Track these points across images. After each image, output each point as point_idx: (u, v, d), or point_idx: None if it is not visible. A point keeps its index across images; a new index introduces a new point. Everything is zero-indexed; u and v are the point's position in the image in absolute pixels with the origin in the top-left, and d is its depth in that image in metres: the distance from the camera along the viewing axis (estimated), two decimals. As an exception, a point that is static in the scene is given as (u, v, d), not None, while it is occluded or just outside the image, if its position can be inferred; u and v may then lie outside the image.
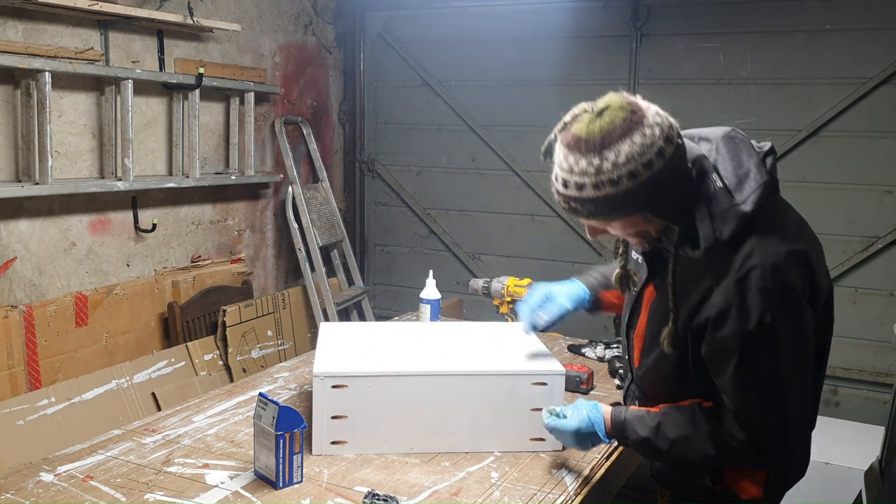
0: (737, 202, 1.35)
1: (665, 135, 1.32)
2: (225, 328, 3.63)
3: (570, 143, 1.35)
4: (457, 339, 2.09)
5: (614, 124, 1.32)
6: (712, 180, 1.37)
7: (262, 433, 1.63)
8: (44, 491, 1.59)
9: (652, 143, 1.31)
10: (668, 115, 1.37)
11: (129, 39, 3.34)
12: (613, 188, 1.32)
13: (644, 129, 1.31)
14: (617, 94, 1.37)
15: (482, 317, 3.29)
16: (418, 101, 4.57)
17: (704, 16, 3.83)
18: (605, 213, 1.37)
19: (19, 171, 3.00)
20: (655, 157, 1.31)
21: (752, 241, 1.35)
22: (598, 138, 1.32)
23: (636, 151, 1.30)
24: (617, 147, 1.30)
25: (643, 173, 1.30)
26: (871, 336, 3.62)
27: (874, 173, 3.59)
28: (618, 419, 1.58)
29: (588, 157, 1.32)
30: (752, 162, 1.39)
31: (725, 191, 1.36)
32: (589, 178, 1.33)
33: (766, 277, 1.33)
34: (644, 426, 1.53)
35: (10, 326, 2.89)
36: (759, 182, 1.36)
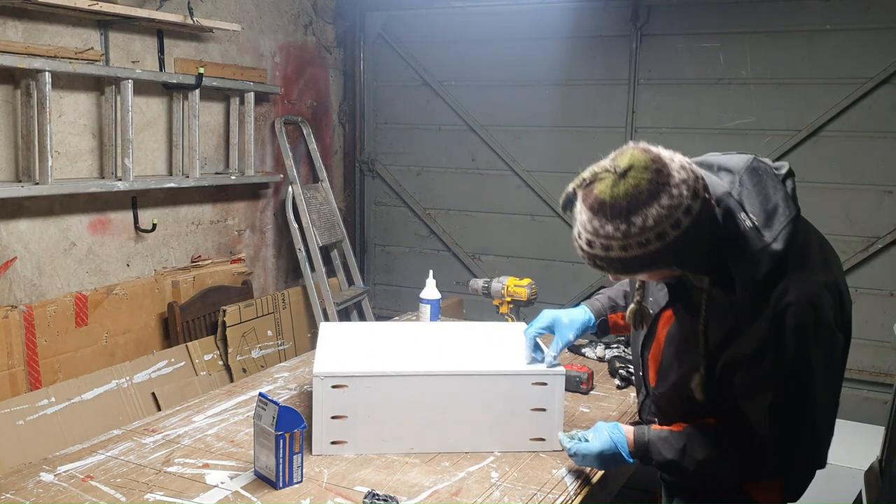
0: (768, 241, 1.33)
1: (692, 191, 1.28)
2: (225, 328, 3.63)
3: (595, 206, 1.31)
4: (457, 339, 2.09)
5: (640, 188, 1.27)
6: (741, 220, 1.34)
7: (262, 433, 1.63)
8: (44, 491, 1.59)
9: (679, 204, 1.27)
10: (693, 166, 1.33)
11: (129, 39, 3.34)
12: (641, 249, 1.29)
13: (671, 190, 1.27)
14: (639, 148, 1.32)
15: (482, 317, 3.29)
16: (418, 101, 4.57)
17: (704, 16, 3.83)
18: (632, 272, 1.37)
19: (19, 171, 3.00)
20: (683, 215, 1.27)
21: (786, 278, 1.34)
22: (624, 203, 1.27)
23: (664, 214, 1.26)
24: (644, 212, 1.26)
25: (671, 233, 1.27)
26: (871, 336, 3.62)
27: (874, 173, 3.59)
28: (641, 440, 1.58)
29: (614, 222, 1.28)
30: (780, 195, 1.37)
31: (755, 230, 1.34)
32: (616, 241, 1.29)
33: (801, 314, 1.33)
34: (670, 448, 1.53)
35: (10, 326, 2.89)
36: (788, 217, 1.34)
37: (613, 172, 1.29)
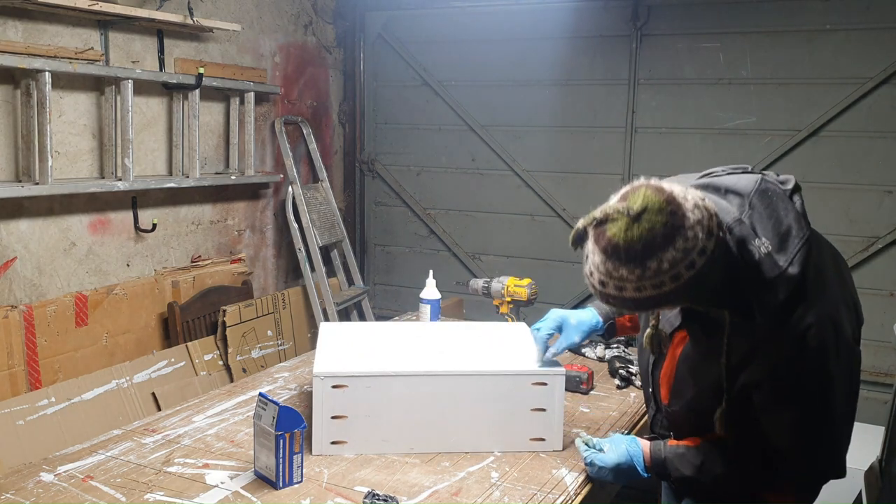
0: (783, 267, 1.31)
1: (706, 231, 1.26)
2: (225, 328, 3.63)
3: (608, 249, 1.28)
4: (457, 339, 2.09)
5: (654, 231, 1.25)
6: (755, 247, 1.33)
7: (262, 433, 1.63)
8: (44, 491, 1.59)
9: (694, 246, 1.25)
10: (707, 202, 1.30)
11: (129, 39, 3.34)
12: (655, 290, 1.28)
13: (686, 233, 1.25)
14: (651, 188, 1.29)
15: (482, 317, 3.29)
16: (418, 101, 4.57)
17: (704, 16, 3.83)
18: (646, 309, 1.39)
19: (19, 171, 3.00)
20: (698, 256, 1.26)
21: (805, 300, 1.34)
22: (639, 248, 1.25)
23: (679, 257, 1.25)
24: (659, 256, 1.25)
25: (685, 274, 1.26)
26: (871, 336, 3.60)
27: (874, 173, 3.59)
28: (657, 456, 1.59)
29: (628, 266, 1.27)
30: (791, 217, 1.35)
31: (770, 256, 1.32)
32: (630, 283, 1.28)
33: (822, 334, 1.34)
34: (687, 465, 1.54)
35: (10, 326, 2.89)
36: (801, 239, 1.33)
37: (626, 215, 1.26)
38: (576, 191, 4.20)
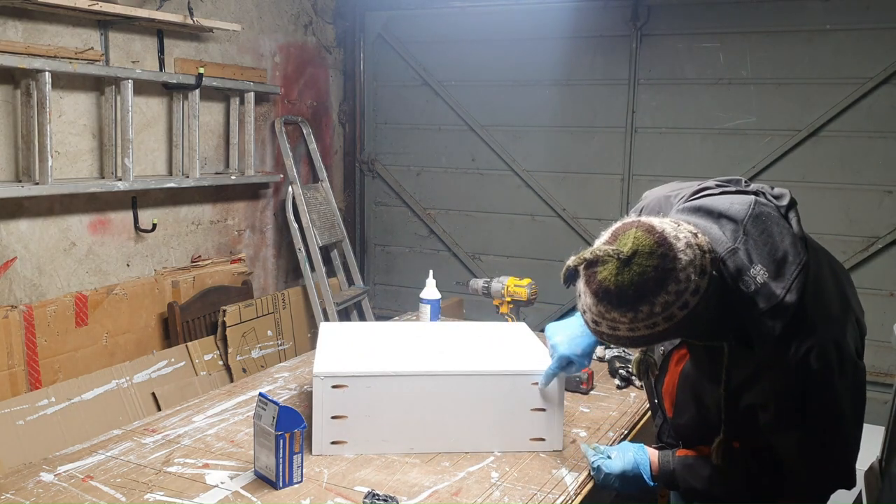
0: (780, 295, 1.29)
1: (699, 270, 1.25)
2: (225, 328, 3.63)
3: (599, 293, 1.27)
4: (457, 339, 2.09)
5: (645, 276, 1.23)
6: (750, 277, 1.30)
7: (262, 433, 1.63)
8: (44, 491, 1.59)
9: (686, 288, 1.24)
10: (699, 238, 1.28)
11: (129, 39, 3.34)
12: (649, 330, 1.28)
13: (678, 275, 1.23)
14: (641, 229, 1.27)
15: (482, 317, 3.29)
16: (418, 101, 4.57)
17: (704, 16, 3.83)
18: (642, 345, 1.38)
19: (19, 171, 3.00)
20: (691, 296, 1.25)
21: (804, 328, 1.32)
22: (631, 293, 1.24)
23: (671, 300, 1.24)
24: (651, 300, 1.24)
25: (679, 314, 1.26)
26: (871, 336, 3.53)
27: (874, 173, 3.59)
28: (665, 467, 1.59)
29: (620, 310, 1.26)
30: (787, 241, 1.32)
31: (766, 286, 1.29)
32: (623, 324, 1.28)
33: (825, 356, 1.32)
34: (696, 476, 1.54)
35: (10, 326, 2.89)
36: (798, 265, 1.31)
37: (616, 258, 1.25)
38: (576, 191, 4.20)
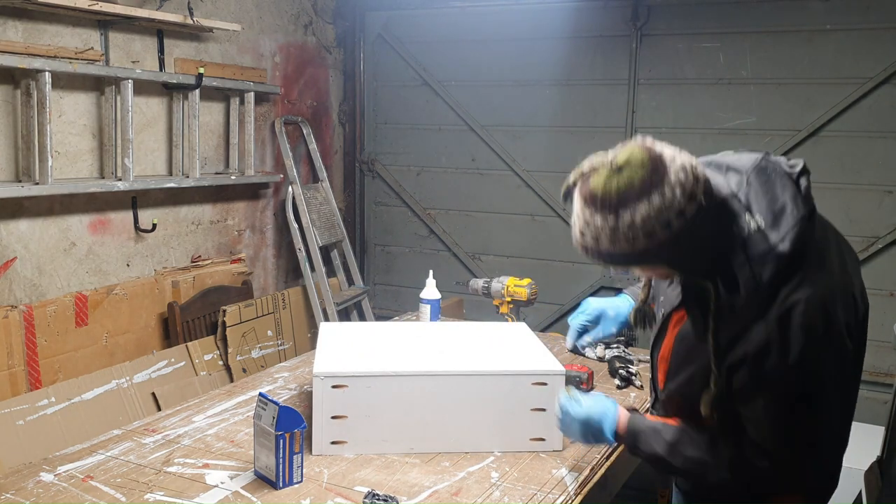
0: (773, 244, 1.29)
1: (687, 194, 1.26)
2: (225, 328, 3.63)
3: (587, 197, 1.30)
4: (457, 339, 2.09)
5: (632, 184, 1.26)
6: (745, 223, 1.31)
7: (262, 433, 1.63)
8: (44, 491, 1.59)
9: (671, 205, 1.25)
10: (696, 168, 1.29)
11: (129, 39, 3.34)
12: (628, 245, 1.28)
13: (664, 189, 1.25)
14: (640, 145, 1.31)
15: (482, 317, 3.29)
16: (418, 101, 4.57)
17: (704, 16, 3.83)
18: (622, 265, 1.36)
19: (19, 171, 3.00)
20: (675, 217, 1.25)
21: (794, 279, 1.29)
22: (615, 197, 1.26)
23: (653, 213, 1.25)
24: (633, 207, 1.25)
25: (660, 233, 1.26)
26: (871, 336, 3.53)
27: (874, 173, 3.59)
28: (633, 427, 1.55)
29: (603, 213, 1.28)
30: (788, 195, 1.32)
31: (761, 232, 1.30)
32: (604, 234, 1.29)
33: (808, 313, 1.28)
34: (660, 441, 1.50)
35: (10, 326, 2.89)
36: (796, 218, 1.30)
37: (610, 167, 1.28)
38: (576, 191, 4.19)
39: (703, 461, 1.45)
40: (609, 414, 1.58)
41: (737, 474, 1.42)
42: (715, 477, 1.45)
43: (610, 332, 1.89)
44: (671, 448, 1.48)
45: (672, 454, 1.48)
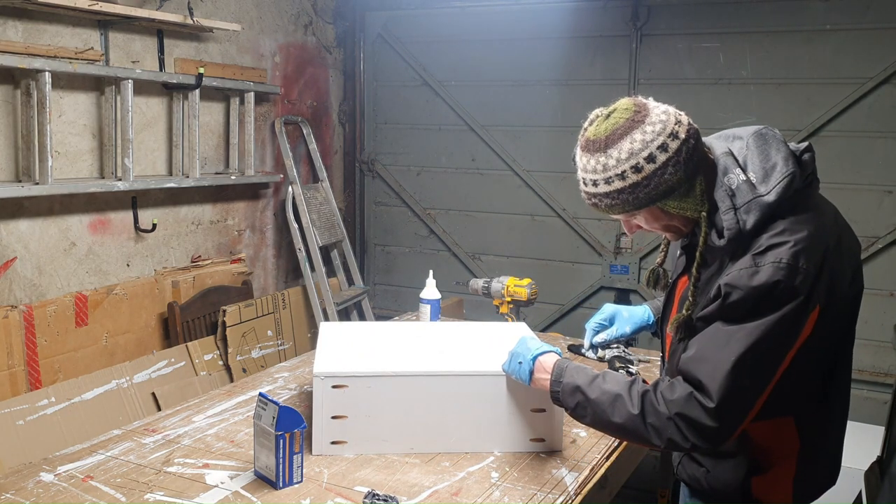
0: (760, 193, 1.37)
1: (669, 131, 1.39)
2: (225, 328, 3.63)
3: (584, 145, 1.47)
4: (457, 339, 2.09)
5: (617, 124, 1.41)
6: (735, 174, 1.41)
7: (262, 433, 1.63)
8: (44, 491, 1.59)
9: (653, 139, 1.38)
10: (681, 114, 1.44)
11: (129, 39, 3.34)
12: (621, 182, 1.40)
13: (646, 127, 1.39)
14: (629, 97, 1.47)
15: (482, 317, 3.29)
16: (418, 101, 4.57)
17: (704, 16, 3.83)
18: (620, 207, 1.44)
19: (19, 171, 3.00)
20: (658, 150, 1.38)
21: (777, 225, 1.36)
22: (604, 138, 1.42)
23: (637, 147, 1.38)
24: (619, 145, 1.40)
25: (646, 167, 1.38)
26: (871, 336, 3.62)
27: (874, 173, 3.59)
28: (563, 363, 1.59)
29: (596, 156, 1.43)
30: (780, 156, 1.40)
31: (749, 184, 1.39)
32: (599, 175, 1.43)
33: (782, 255, 1.33)
34: (583, 374, 1.53)
35: (10, 326, 2.89)
36: (784, 173, 1.37)
37: (600, 116, 1.47)
38: (576, 191, 4.13)
39: (617, 395, 1.45)
40: (544, 347, 1.65)
41: (643, 408, 1.42)
42: (623, 412, 1.44)
43: (624, 332, 1.92)
44: (592, 381, 1.51)
45: (590, 386, 1.50)
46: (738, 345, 1.34)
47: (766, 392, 1.38)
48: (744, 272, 1.35)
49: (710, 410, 1.35)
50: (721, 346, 1.36)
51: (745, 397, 1.37)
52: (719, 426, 1.36)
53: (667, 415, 1.39)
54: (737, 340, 1.35)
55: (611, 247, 4.18)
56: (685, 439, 1.38)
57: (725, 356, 1.35)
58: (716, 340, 1.37)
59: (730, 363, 1.34)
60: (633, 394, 1.44)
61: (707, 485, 1.57)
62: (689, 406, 1.37)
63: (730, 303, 1.36)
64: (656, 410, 1.41)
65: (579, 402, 1.51)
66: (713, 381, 1.35)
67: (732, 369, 1.34)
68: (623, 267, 4.16)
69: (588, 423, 1.53)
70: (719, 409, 1.35)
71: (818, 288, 1.35)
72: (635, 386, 1.46)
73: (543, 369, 1.61)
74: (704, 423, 1.36)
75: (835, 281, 1.38)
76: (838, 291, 1.40)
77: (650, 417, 1.41)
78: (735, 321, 1.36)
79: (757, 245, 1.36)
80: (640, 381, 1.48)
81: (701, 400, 1.36)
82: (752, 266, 1.35)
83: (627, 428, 1.44)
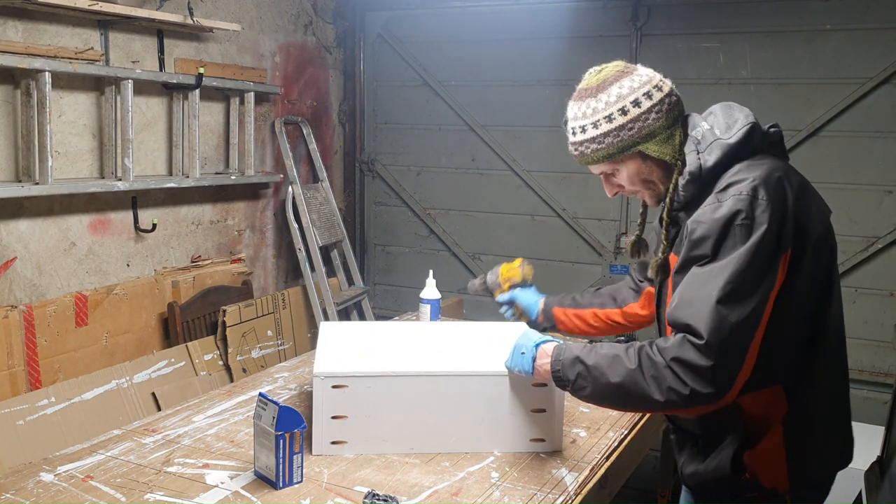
0: (718, 136, 1.52)
1: (655, 84, 1.56)
2: (225, 328, 3.63)
3: (575, 96, 1.62)
4: (457, 339, 2.09)
5: (608, 75, 1.58)
6: (701, 126, 1.55)
7: (262, 433, 1.63)
8: (44, 491, 1.59)
9: (640, 87, 1.54)
10: (667, 81, 1.60)
11: (129, 39, 3.34)
12: (608, 124, 1.54)
13: (633, 76, 1.56)
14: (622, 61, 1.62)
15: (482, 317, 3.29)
16: (418, 101, 4.58)
17: (704, 16, 3.83)
18: (605, 150, 1.56)
19: (19, 171, 3.00)
20: (643, 97, 1.53)
21: (737, 166, 1.48)
22: (595, 85, 1.58)
23: (625, 92, 1.54)
24: (609, 90, 1.55)
25: (632, 110, 1.53)
26: (871, 336, 3.62)
27: (874, 173, 3.59)
28: (563, 345, 1.60)
29: (587, 101, 1.58)
30: (742, 114, 1.55)
31: (712, 132, 1.53)
32: (588, 118, 1.56)
33: (742, 189, 1.42)
34: (581, 347, 1.55)
35: (10, 326, 2.89)
36: (744, 123, 1.51)
37: (592, 71, 1.62)
38: (576, 191, 4.20)
39: (614, 355, 1.48)
40: (547, 337, 1.69)
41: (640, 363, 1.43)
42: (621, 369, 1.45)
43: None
44: (590, 350, 1.53)
45: (588, 354, 1.52)
46: (716, 280, 1.39)
47: (756, 335, 1.39)
48: (707, 209, 1.44)
49: (701, 348, 1.37)
50: (700, 286, 1.41)
51: (736, 333, 1.37)
52: (715, 364, 1.36)
53: (663, 363, 1.40)
54: (713, 277, 1.39)
55: (611, 247, 4.18)
56: (684, 385, 1.38)
57: (706, 293, 1.39)
58: (695, 283, 1.42)
59: (713, 298, 1.38)
60: (629, 352, 1.47)
61: (707, 475, 1.58)
62: (683, 349, 1.39)
63: (696, 237, 1.43)
64: (653, 361, 1.42)
65: (579, 373, 1.52)
66: (700, 318, 1.38)
67: (716, 304, 1.37)
68: (623, 267, 4.16)
69: (589, 393, 1.52)
70: (711, 345, 1.36)
71: (785, 228, 1.40)
72: (632, 346, 1.49)
73: (545, 354, 1.63)
74: (700, 363, 1.37)
75: (803, 226, 1.43)
76: (809, 240, 1.44)
77: (648, 370, 1.42)
78: (707, 260, 1.42)
79: (718, 186, 1.47)
80: (638, 343, 1.50)
81: (692, 340, 1.38)
82: (715, 202, 1.44)
83: (627, 385, 1.44)
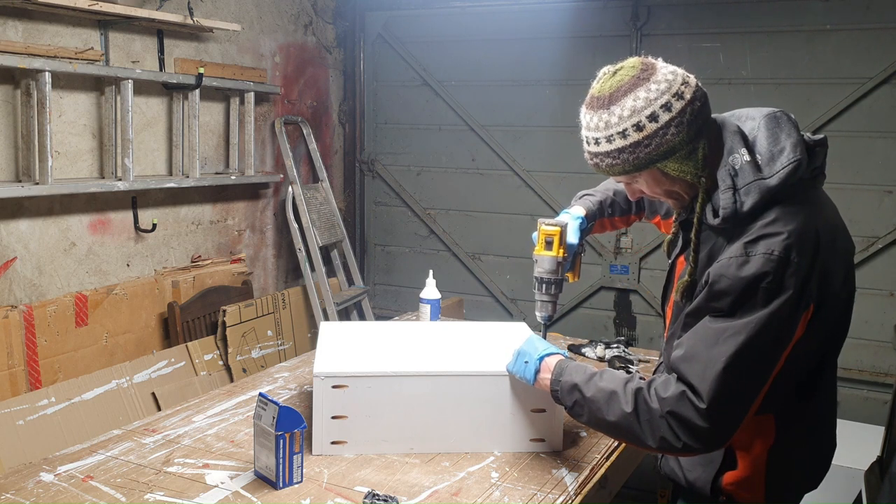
0: (763, 176, 1.35)
1: (675, 91, 1.37)
2: (225, 328, 3.63)
3: (588, 102, 1.47)
4: (457, 339, 2.09)
5: (622, 81, 1.39)
6: (740, 154, 1.38)
7: (262, 433, 1.63)
8: (44, 491, 1.59)
9: (657, 98, 1.36)
10: (689, 76, 1.42)
11: (129, 39, 3.34)
12: (622, 140, 1.38)
13: (650, 85, 1.37)
14: (637, 57, 1.45)
15: (482, 317, 3.29)
16: (418, 101, 4.57)
17: (704, 16, 3.83)
18: (620, 167, 1.42)
19: (19, 171, 3.00)
20: (661, 110, 1.36)
21: (773, 212, 1.34)
22: (607, 95, 1.40)
23: (640, 105, 1.36)
24: (622, 102, 1.38)
25: (648, 126, 1.35)
26: (871, 336, 3.62)
27: (874, 173, 3.59)
28: (565, 363, 1.58)
29: (599, 113, 1.42)
30: (790, 141, 1.38)
31: (753, 164, 1.36)
32: (601, 132, 1.41)
33: (774, 247, 1.31)
34: (581, 373, 1.52)
35: (10, 326, 2.89)
36: (790, 159, 1.35)
37: (606, 73, 1.45)
38: (576, 191, 4.18)
39: (611, 392, 1.44)
40: (551, 349, 1.64)
41: (636, 406, 1.40)
42: (617, 409, 1.42)
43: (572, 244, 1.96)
44: (589, 379, 1.50)
45: (587, 384, 1.49)
46: (728, 345, 1.32)
47: (760, 395, 1.36)
48: (733, 261, 1.33)
49: (701, 411, 1.33)
50: (710, 344, 1.34)
51: (738, 400, 1.34)
52: (711, 427, 1.34)
53: (659, 412, 1.37)
54: (725, 340, 1.32)
55: (611, 247, 4.18)
56: (677, 438, 1.36)
57: (715, 356, 1.32)
58: (705, 339, 1.35)
59: (720, 364, 1.32)
60: (627, 391, 1.43)
61: (684, 481, 1.57)
62: (681, 405, 1.35)
63: (716, 290, 1.34)
64: (649, 408, 1.39)
65: (576, 401, 1.51)
66: (704, 382, 1.33)
67: (723, 371, 1.31)
68: (623, 267, 4.16)
69: (585, 421, 1.52)
70: (710, 410, 1.33)
71: (810, 286, 1.33)
72: (630, 383, 1.44)
73: (547, 369, 1.61)
74: (696, 423, 1.34)
75: (828, 280, 1.36)
76: (831, 291, 1.37)
77: (644, 415, 1.40)
78: (723, 316, 1.34)
79: (749, 232, 1.34)
80: (638, 378, 1.47)
81: (693, 400, 1.34)
82: (743, 255, 1.32)
83: (622, 426, 1.43)
